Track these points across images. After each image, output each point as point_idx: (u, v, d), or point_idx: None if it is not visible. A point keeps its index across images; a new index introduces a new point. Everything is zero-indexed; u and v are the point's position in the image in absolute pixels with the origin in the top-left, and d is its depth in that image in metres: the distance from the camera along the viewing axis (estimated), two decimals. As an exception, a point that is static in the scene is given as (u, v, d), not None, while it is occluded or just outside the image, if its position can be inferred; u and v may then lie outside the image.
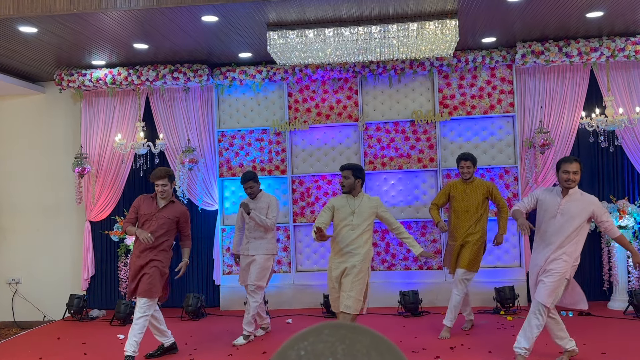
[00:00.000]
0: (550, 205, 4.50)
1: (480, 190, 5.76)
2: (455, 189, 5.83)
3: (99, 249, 7.63)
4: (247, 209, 5.67)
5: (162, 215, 5.10)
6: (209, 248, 7.50)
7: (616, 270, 6.58)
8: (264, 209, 5.82)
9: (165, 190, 5.09)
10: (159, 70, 7.21)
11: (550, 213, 4.49)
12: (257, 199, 5.89)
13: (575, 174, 4.41)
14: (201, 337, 5.97)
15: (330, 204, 4.97)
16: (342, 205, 4.90)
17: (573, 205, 4.44)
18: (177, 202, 5.26)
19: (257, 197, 5.89)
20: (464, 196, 5.77)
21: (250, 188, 5.84)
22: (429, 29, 5.64)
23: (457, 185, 5.85)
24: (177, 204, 5.26)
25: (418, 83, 7.29)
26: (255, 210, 5.75)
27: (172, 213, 5.14)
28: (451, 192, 5.84)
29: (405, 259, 7.24)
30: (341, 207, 4.90)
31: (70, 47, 6.41)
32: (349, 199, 4.92)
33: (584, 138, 6.96)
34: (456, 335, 5.60)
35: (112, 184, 7.56)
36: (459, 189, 5.82)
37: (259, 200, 5.88)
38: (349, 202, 4.90)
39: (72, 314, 7.12)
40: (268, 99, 7.51)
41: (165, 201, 5.17)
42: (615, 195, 6.89)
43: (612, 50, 6.62)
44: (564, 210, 4.44)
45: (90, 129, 7.61)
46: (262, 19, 5.65)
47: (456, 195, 5.80)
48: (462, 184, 5.82)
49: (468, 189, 5.78)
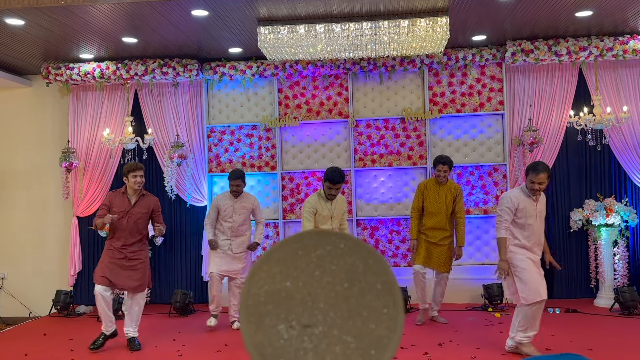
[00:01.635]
0: (529, 209, 4.61)
1: (451, 192, 5.90)
2: (428, 190, 5.93)
3: (86, 244, 7.56)
4: (255, 248, 6.12)
5: (136, 211, 5.27)
6: (197, 244, 7.46)
7: (603, 268, 6.64)
8: (248, 208, 6.06)
9: (141, 182, 5.27)
10: (148, 65, 7.14)
11: (530, 216, 4.61)
12: (240, 197, 6.04)
13: (541, 185, 4.50)
14: (189, 333, 5.95)
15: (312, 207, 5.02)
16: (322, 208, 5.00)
17: (541, 205, 4.67)
18: (147, 194, 5.41)
19: (240, 196, 6.04)
20: (437, 197, 5.88)
21: (237, 186, 5.98)
22: (419, 26, 5.64)
23: (430, 186, 5.95)
24: (148, 195, 5.41)
25: (408, 80, 7.30)
26: (239, 208, 6.02)
27: (146, 207, 5.31)
28: (424, 192, 5.93)
29: (394, 255, 7.25)
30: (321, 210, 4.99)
31: (57, 40, 6.33)
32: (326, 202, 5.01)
33: (572, 136, 7.01)
34: (445, 332, 5.62)
35: (100, 179, 7.49)
36: (432, 189, 5.92)
37: (243, 200, 6.06)
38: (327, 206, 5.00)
39: (59, 309, 7.06)
40: (258, 95, 7.48)
41: (136, 195, 5.29)
42: (602, 193, 6.95)
43: (601, 49, 6.67)
44: (540, 214, 4.65)
45: (77, 123, 7.53)
46: (253, 13, 5.62)
47: (429, 195, 5.90)
48: (435, 185, 5.92)
49: (441, 190, 5.89)
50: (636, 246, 6.96)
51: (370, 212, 7.30)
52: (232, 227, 5.98)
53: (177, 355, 5.12)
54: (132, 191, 5.29)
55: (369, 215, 7.29)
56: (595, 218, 6.58)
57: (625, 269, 6.72)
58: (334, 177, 4.86)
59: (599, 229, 6.65)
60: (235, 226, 5.99)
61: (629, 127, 6.89)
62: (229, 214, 5.98)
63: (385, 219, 7.29)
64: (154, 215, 5.35)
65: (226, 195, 6.08)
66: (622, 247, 6.72)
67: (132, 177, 5.23)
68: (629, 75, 6.95)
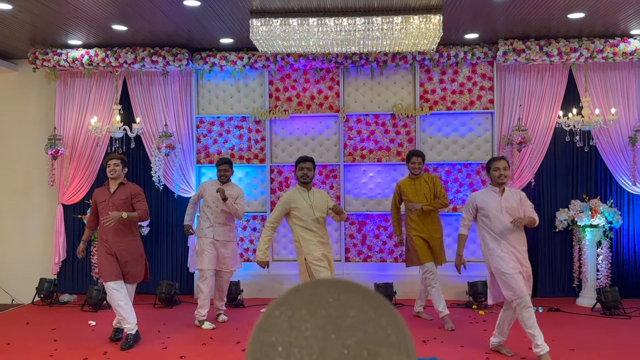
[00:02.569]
0: (492, 206, 4.64)
1: (427, 182, 5.94)
2: (405, 188, 5.97)
3: (71, 232, 7.49)
4: (224, 195, 5.70)
5: (116, 198, 5.25)
6: (183, 235, 7.41)
7: (586, 268, 6.72)
8: (233, 196, 5.98)
9: (115, 170, 5.25)
10: (138, 53, 7.06)
11: (495, 213, 4.63)
12: (227, 185, 6.03)
13: (505, 170, 4.67)
14: (174, 325, 5.93)
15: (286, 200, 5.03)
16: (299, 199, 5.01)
17: (510, 200, 4.67)
18: (128, 183, 5.39)
19: (226, 184, 6.03)
20: (415, 193, 5.91)
21: (225, 171, 5.98)
22: (413, 23, 5.63)
23: (406, 183, 5.99)
24: (128, 184, 5.39)
25: (400, 76, 7.29)
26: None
27: (124, 194, 5.28)
28: (402, 192, 5.98)
29: (381, 251, 7.28)
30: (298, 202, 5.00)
31: (46, 25, 6.22)
32: (302, 192, 5.01)
33: (560, 137, 7.06)
34: (429, 329, 5.66)
35: (87, 167, 7.41)
36: (408, 186, 5.97)
37: (229, 188, 6.02)
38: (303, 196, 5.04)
39: (42, 298, 7.00)
40: (248, 86, 7.43)
41: (115, 184, 5.29)
42: (588, 194, 7.02)
43: (591, 51, 6.70)
44: (508, 208, 4.64)
45: (64, 110, 7.43)
46: (245, 5, 5.57)
47: (407, 193, 5.95)
48: (411, 180, 5.98)
49: (417, 184, 5.94)
50: (619, 247, 7.06)
51: (358, 207, 7.31)
52: (214, 212, 5.93)
53: (162, 347, 5.11)
54: (112, 181, 5.32)
55: (357, 210, 7.30)
56: (580, 218, 6.65)
57: (608, 269, 6.82)
58: (302, 158, 5.04)
59: (583, 230, 6.73)
60: (217, 211, 5.94)
61: (616, 129, 6.96)
62: (213, 200, 5.95)
63: (373, 215, 7.30)
64: (133, 200, 5.23)
65: (213, 182, 6.08)
66: (606, 248, 6.81)
67: (107, 165, 5.29)
68: (618, 77, 7.01)
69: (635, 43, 6.65)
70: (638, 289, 6.98)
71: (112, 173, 5.25)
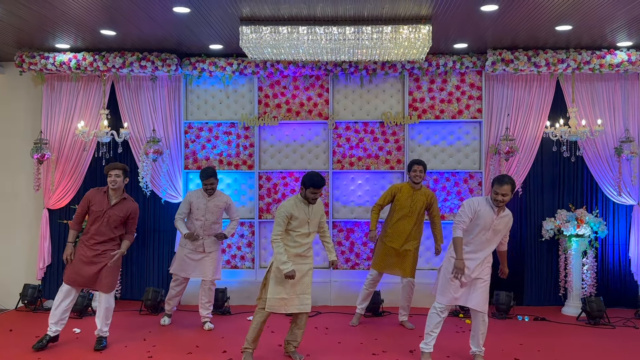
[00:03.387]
0: (487, 220, 4.67)
1: (424, 198, 5.99)
2: (401, 192, 6.01)
3: (57, 237, 7.41)
4: (222, 238, 6.09)
5: (113, 213, 5.22)
6: (170, 241, 7.37)
7: (571, 277, 6.77)
8: (221, 207, 6.07)
9: (116, 181, 5.19)
10: (126, 58, 7.01)
11: (485, 227, 4.68)
12: (213, 196, 6.04)
13: (504, 196, 4.59)
14: (160, 332, 5.88)
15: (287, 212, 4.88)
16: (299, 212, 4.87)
17: (502, 222, 4.70)
18: (128, 199, 5.36)
19: (213, 195, 6.04)
20: (410, 201, 5.96)
21: (211, 184, 5.99)
22: (402, 32, 5.65)
23: (404, 189, 6.02)
24: (129, 200, 5.35)
25: (389, 84, 7.31)
26: (212, 207, 6.01)
27: (123, 211, 5.25)
28: (397, 194, 6.01)
29: (368, 258, 7.28)
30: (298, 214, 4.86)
31: (33, 29, 6.16)
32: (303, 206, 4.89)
33: (547, 147, 7.11)
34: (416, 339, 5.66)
35: (73, 172, 7.34)
36: (405, 193, 5.99)
37: (216, 199, 6.05)
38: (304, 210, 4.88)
39: (26, 304, 6.91)
40: (238, 92, 7.41)
41: (116, 197, 5.25)
42: (574, 204, 7.08)
43: (578, 62, 6.77)
44: (495, 227, 4.70)
45: (51, 114, 7.36)
46: (236, 12, 5.55)
47: (401, 198, 5.98)
48: (410, 188, 6.01)
49: (415, 195, 5.97)
50: (604, 257, 7.12)
51: (346, 215, 7.31)
52: (203, 225, 5.99)
53: (147, 356, 5.07)
54: (112, 192, 5.24)
55: (345, 218, 7.30)
56: (566, 228, 6.70)
57: (593, 279, 6.88)
58: (317, 181, 4.78)
59: (569, 239, 6.78)
60: (207, 224, 6.00)
61: (602, 140, 7.03)
62: (202, 212, 5.98)
63: (361, 222, 7.31)
64: (128, 221, 5.29)
65: (199, 192, 6.07)
66: (591, 258, 6.87)
67: (109, 176, 5.21)
68: (605, 89, 7.08)
69: (622, 55, 6.73)
70: (622, 299, 7.05)
71: (113, 184, 5.20)
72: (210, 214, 5.99)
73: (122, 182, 5.24)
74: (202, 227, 5.97)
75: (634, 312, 6.71)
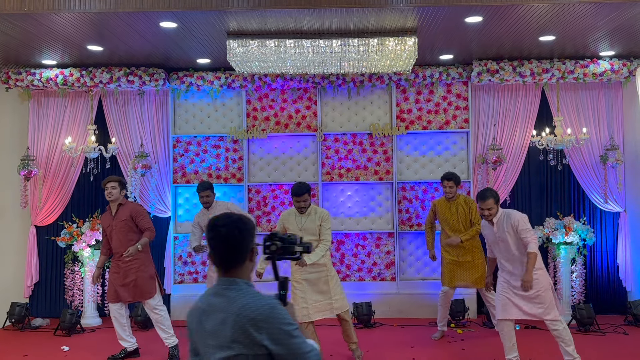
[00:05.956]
0: (489, 234, 4.83)
1: (462, 206, 6.08)
2: (440, 208, 6.16)
3: (44, 254, 7.34)
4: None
5: (117, 220, 5.39)
6: (160, 256, 7.32)
7: (561, 285, 6.81)
8: None
9: (112, 193, 5.35)
10: (114, 73, 7.00)
11: (494, 242, 4.82)
12: (212, 208, 6.01)
13: (490, 210, 4.71)
14: (151, 349, 5.82)
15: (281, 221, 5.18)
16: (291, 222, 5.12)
17: (500, 228, 4.74)
18: (126, 203, 5.52)
19: (212, 207, 6.00)
20: (449, 214, 6.08)
21: (207, 197, 5.99)
22: (388, 45, 5.70)
23: (442, 204, 6.17)
24: (127, 204, 5.51)
25: (376, 96, 7.36)
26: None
27: (125, 214, 5.41)
28: (436, 211, 6.19)
29: (359, 270, 7.28)
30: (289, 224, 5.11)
31: (19, 45, 6.15)
32: (296, 216, 5.08)
33: (534, 156, 7.18)
34: (407, 349, 5.65)
35: (60, 188, 7.29)
36: (443, 206, 6.14)
37: (216, 210, 6.00)
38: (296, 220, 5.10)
39: (13, 322, 6.82)
40: (226, 106, 7.42)
41: (115, 206, 5.43)
42: (562, 212, 7.14)
43: (563, 72, 6.86)
44: (499, 237, 4.76)
45: (38, 130, 7.32)
46: (223, 27, 5.58)
47: (442, 212, 6.14)
48: (446, 202, 6.14)
49: (452, 207, 6.09)
50: (593, 264, 7.18)
51: (336, 226, 7.32)
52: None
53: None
54: (112, 204, 5.44)
55: (335, 229, 7.30)
56: (555, 236, 6.74)
57: (582, 286, 6.92)
58: (295, 190, 5.02)
59: (558, 247, 6.82)
60: None
61: (588, 148, 7.11)
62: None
63: (351, 233, 7.31)
64: (136, 220, 5.37)
65: (203, 211, 6.08)
66: (580, 265, 6.91)
67: (105, 189, 5.38)
68: (589, 97, 7.18)
69: (604, 64, 6.83)
70: (612, 305, 7.09)
71: (109, 196, 5.37)
72: None
73: (118, 194, 5.38)
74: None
75: (624, 318, 6.75)
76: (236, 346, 1.86)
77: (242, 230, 1.96)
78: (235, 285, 1.95)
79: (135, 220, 5.35)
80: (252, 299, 1.91)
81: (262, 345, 1.85)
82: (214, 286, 2.00)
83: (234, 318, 1.87)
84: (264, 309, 1.87)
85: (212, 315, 1.93)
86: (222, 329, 1.89)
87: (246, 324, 1.85)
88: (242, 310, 1.87)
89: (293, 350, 1.86)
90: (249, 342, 1.85)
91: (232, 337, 1.86)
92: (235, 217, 1.99)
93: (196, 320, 1.98)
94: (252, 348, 1.85)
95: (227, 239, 1.95)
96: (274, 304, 1.90)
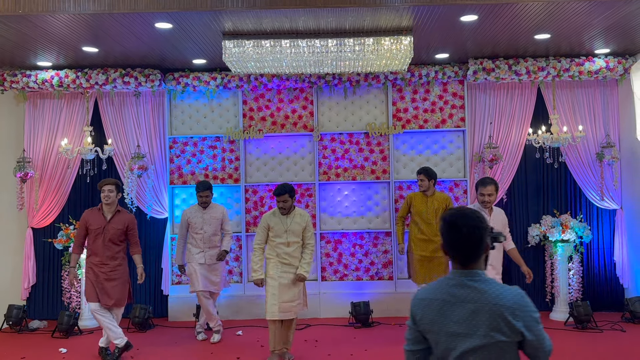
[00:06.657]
0: None
1: (438, 203, 6.11)
2: (415, 201, 6.18)
3: (41, 256, 7.32)
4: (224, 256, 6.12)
5: (112, 227, 5.35)
6: (157, 257, 7.32)
7: (558, 283, 6.82)
8: (218, 218, 6.19)
9: (110, 196, 5.33)
10: (109, 74, 6.99)
11: None
12: (209, 208, 6.15)
13: (490, 196, 4.80)
14: (149, 350, 5.82)
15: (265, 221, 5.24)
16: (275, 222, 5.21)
17: (497, 220, 4.80)
18: (123, 211, 5.50)
19: (209, 207, 6.15)
20: (425, 208, 6.10)
21: (206, 197, 6.14)
22: (384, 44, 5.70)
23: (417, 198, 6.19)
24: (124, 212, 5.50)
25: (372, 95, 7.36)
26: (208, 219, 6.11)
27: (121, 223, 5.39)
28: (412, 204, 6.19)
29: (357, 269, 7.28)
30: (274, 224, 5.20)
31: (14, 47, 6.13)
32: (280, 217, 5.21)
33: (530, 154, 7.19)
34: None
35: (57, 190, 7.27)
36: (419, 201, 6.16)
37: (212, 210, 6.19)
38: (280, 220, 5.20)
39: (11, 325, 6.80)
40: (222, 106, 7.41)
41: (111, 212, 5.39)
42: (558, 209, 7.15)
43: (558, 70, 6.88)
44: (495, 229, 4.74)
45: (34, 132, 7.30)
46: (218, 27, 5.57)
47: (416, 207, 6.15)
48: (422, 196, 6.17)
49: (428, 202, 6.11)
50: (590, 261, 7.20)
51: (333, 226, 7.32)
52: (203, 238, 6.07)
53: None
54: (107, 207, 5.37)
55: (332, 229, 7.30)
56: (552, 234, 6.76)
57: (579, 283, 6.94)
58: (276, 190, 5.16)
59: (555, 245, 6.84)
60: (206, 237, 6.08)
61: (584, 145, 7.13)
62: (200, 226, 6.08)
63: (349, 233, 7.31)
64: (129, 233, 5.41)
65: (194, 207, 6.21)
66: (577, 263, 6.93)
67: (102, 192, 5.34)
68: (584, 95, 7.19)
69: (600, 62, 6.85)
70: (609, 302, 7.11)
71: (106, 200, 5.34)
72: (208, 225, 6.08)
73: (115, 197, 5.39)
74: (202, 239, 6.06)
75: (621, 315, 6.77)
76: (496, 334, 1.96)
77: (482, 228, 2.07)
78: (479, 277, 2.05)
79: (129, 231, 5.41)
80: (502, 288, 2.02)
81: (520, 332, 1.96)
82: (452, 278, 2.08)
83: (490, 307, 1.98)
84: (517, 297, 1.99)
85: (459, 305, 2.03)
86: (474, 319, 1.99)
87: (504, 312, 1.96)
88: (497, 300, 1.98)
89: (539, 336, 2.00)
90: (508, 329, 1.96)
91: (491, 326, 1.96)
92: (474, 216, 2.09)
93: (435, 310, 2.06)
94: (510, 336, 1.96)
95: (469, 238, 2.05)
96: (523, 293, 2.02)
